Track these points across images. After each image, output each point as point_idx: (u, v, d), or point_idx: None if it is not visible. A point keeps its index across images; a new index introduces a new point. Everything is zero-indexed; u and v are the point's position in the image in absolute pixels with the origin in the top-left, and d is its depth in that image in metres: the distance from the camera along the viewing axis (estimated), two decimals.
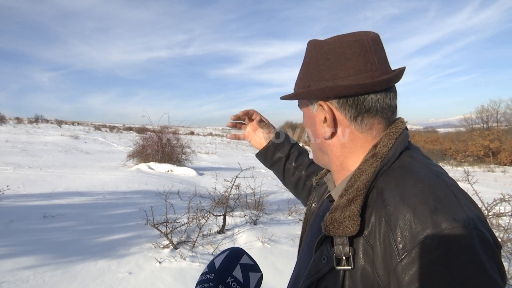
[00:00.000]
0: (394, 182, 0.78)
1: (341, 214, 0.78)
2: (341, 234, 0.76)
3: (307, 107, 0.97)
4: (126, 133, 42.19)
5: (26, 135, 25.31)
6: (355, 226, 0.75)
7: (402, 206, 0.71)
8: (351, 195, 0.80)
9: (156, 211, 5.05)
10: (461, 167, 28.76)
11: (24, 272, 3.63)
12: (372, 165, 0.82)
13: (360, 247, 0.76)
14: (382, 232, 0.72)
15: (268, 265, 4.39)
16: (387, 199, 0.75)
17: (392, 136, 0.87)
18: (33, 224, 5.23)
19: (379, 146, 0.86)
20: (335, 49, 0.87)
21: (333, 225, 0.78)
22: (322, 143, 0.95)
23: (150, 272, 3.91)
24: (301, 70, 0.96)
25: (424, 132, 62.65)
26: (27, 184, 8.31)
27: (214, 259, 0.99)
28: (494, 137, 36.97)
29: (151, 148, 14.70)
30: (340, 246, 0.77)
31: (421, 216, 0.68)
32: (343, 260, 0.76)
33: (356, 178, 0.83)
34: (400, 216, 0.70)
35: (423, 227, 0.67)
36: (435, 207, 0.69)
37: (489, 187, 13.92)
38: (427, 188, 0.73)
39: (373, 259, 0.73)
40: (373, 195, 0.79)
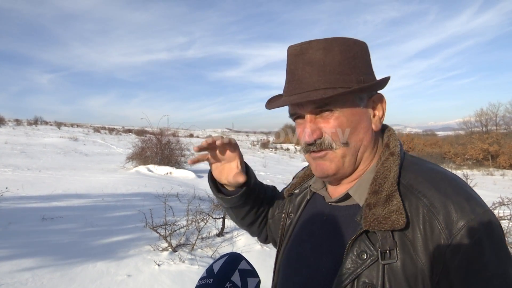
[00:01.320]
0: (422, 177, 0.86)
1: (383, 209, 0.81)
2: (389, 228, 0.79)
3: (353, 102, 0.90)
4: (126, 135, 42.14)
5: (25, 137, 25.27)
6: (404, 219, 0.78)
7: (440, 196, 0.79)
8: (387, 191, 0.84)
9: (155, 214, 5.04)
10: (460, 170, 28.76)
11: (23, 274, 3.63)
12: (395, 163, 0.89)
13: (398, 239, 0.80)
14: (421, 221, 0.79)
15: (267, 268, 4.37)
16: (422, 191, 0.82)
17: (395, 137, 0.96)
18: (32, 226, 5.23)
19: (392, 146, 0.94)
20: (366, 49, 0.95)
21: (378, 220, 0.80)
22: (369, 142, 0.95)
23: (149, 274, 3.91)
24: (344, 65, 0.88)
25: (423, 135, 62.67)
26: (26, 186, 8.29)
27: (213, 264, 0.98)
28: (493, 141, 37.01)
29: (150, 151, 14.69)
30: (384, 240, 0.80)
31: (460, 204, 0.77)
32: (387, 254, 0.79)
33: (386, 174, 0.87)
34: (441, 205, 0.78)
35: (464, 214, 0.76)
36: (467, 196, 0.79)
37: (488, 191, 13.93)
38: (453, 181, 0.83)
39: (413, 249, 0.78)
40: (401, 190, 0.85)
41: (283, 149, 44.90)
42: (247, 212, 1.24)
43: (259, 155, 31.20)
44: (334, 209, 0.99)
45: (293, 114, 0.97)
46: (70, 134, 31.37)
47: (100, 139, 31.79)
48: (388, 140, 0.96)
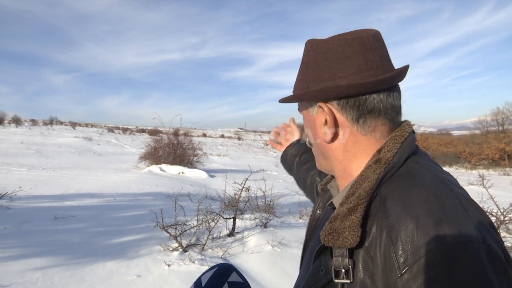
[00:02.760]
0: (398, 190, 0.72)
1: (340, 224, 0.73)
2: (341, 246, 0.71)
3: (307, 109, 0.92)
4: (139, 135, 42.49)
5: (41, 137, 25.64)
6: (355, 238, 0.70)
7: (404, 217, 0.66)
8: (352, 203, 0.75)
9: (166, 213, 5.04)
10: (475, 170, 28.36)
11: (33, 273, 3.64)
12: (375, 172, 0.77)
13: (360, 259, 0.71)
14: (383, 244, 0.67)
15: (277, 269, 4.34)
16: (389, 209, 0.69)
17: (398, 140, 0.82)
18: (44, 226, 5.26)
19: (384, 151, 0.80)
20: (334, 48, 0.83)
21: (332, 235, 0.73)
22: (324, 147, 0.90)
23: (159, 275, 3.89)
24: (300, 72, 0.92)
25: (438, 135, 61.99)
26: (40, 186, 8.38)
27: (201, 276, 0.94)
28: (510, 140, 36.39)
29: (163, 150, 14.76)
30: (340, 258, 0.72)
31: (424, 227, 0.63)
32: (341, 273, 0.72)
33: (358, 185, 0.77)
34: (402, 227, 0.65)
35: (426, 240, 0.62)
36: (440, 218, 0.64)
37: (505, 191, 13.65)
38: (433, 197, 0.68)
39: (373, 273, 0.68)
40: (375, 204, 0.74)
41: None
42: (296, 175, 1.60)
43: (271, 155, 31.16)
44: (329, 213, 0.94)
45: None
46: (84, 134, 31.75)
47: (114, 139, 32.10)
48: (384, 143, 0.82)
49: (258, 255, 4.73)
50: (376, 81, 0.79)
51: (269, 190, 7.75)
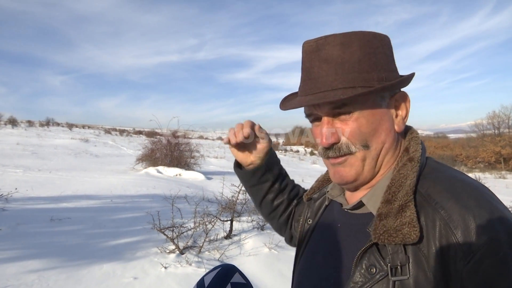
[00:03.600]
0: (441, 186, 0.76)
1: (395, 221, 0.74)
2: (400, 242, 0.72)
3: (374, 102, 0.83)
4: (136, 136, 42.42)
5: (37, 138, 25.55)
6: (416, 233, 0.71)
7: (459, 209, 0.71)
8: (401, 200, 0.76)
9: (163, 216, 5.02)
10: (472, 173, 28.44)
11: (29, 276, 3.62)
12: (413, 170, 0.80)
13: (412, 254, 0.72)
14: (437, 236, 0.71)
15: (274, 272, 4.33)
16: (440, 202, 0.73)
17: (417, 141, 0.87)
18: (40, 228, 5.23)
19: (411, 151, 0.84)
20: (388, 43, 0.87)
21: (389, 233, 0.73)
22: (392, 143, 0.87)
23: (155, 277, 3.87)
24: (363, 62, 0.81)
25: (434, 138, 62.22)
26: (36, 187, 8.34)
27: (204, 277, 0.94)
28: (506, 143, 36.58)
29: (160, 152, 14.73)
30: (395, 255, 0.73)
31: (481, 217, 0.68)
32: (398, 269, 0.72)
33: (401, 182, 0.79)
34: (460, 219, 0.69)
35: (485, 228, 0.67)
36: (491, 210, 0.70)
37: (501, 194, 13.69)
38: (476, 191, 0.74)
39: (427, 265, 0.70)
40: (417, 199, 0.76)
41: (292, 151, 44.86)
42: (263, 196, 1.26)
43: None
44: (348, 217, 0.92)
45: (309, 115, 0.90)
46: (81, 136, 31.67)
47: (110, 140, 32.04)
48: (408, 143, 0.87)
49: (255, 257, 4.71)
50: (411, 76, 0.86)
51: None
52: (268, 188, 1.25)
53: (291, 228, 1.28)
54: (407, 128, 0.92)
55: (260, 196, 1.27)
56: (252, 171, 1.21)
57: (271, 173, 1.23)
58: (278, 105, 1.00)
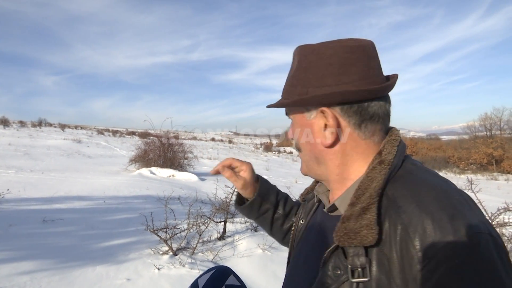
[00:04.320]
0: (407, 189, 0.76)
1: (356, 223, 0.75)
2: (358, 244, 0.73)
3: (302, 114, 0.92)
4: (129, 137, 42.25)
5: (29, 139, 25.36)
6: (374, 235, 0.72)
7: (419, 213, 0.70)
8: (364, 203, 0.77)
9: (156, 217, 5.01)
10: (464, 175, 28.65)
11: (21, 277, 3.60)
12: (381, 172, 0.80)
13: (375, 256, 0.73)
14: (398, 240, 0.71)
15: (268, 273, 4.34)
16: (403, 206, 0.73)
17: (394, 143, 0.86)
18: (33, 229, 5.20)
19: (384, 153, 0.84)
20: (339, 54, 0.85)
21: (348, 235, 0.75)
22: (320, 152, 0.91)
23: (149, 278, 3.87)
24: (294, 76, 0.91)
25: (427, 139, 62.57)
26: (28, 188, 8.29)
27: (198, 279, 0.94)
28: (497, 145, 36.87)
29: (153, 153, 14.69)
30: (355, 257, 0.74)
31: (440, 222, 0.67)
32: (358, 272, 0.73)
33: (367, 185, 0.80)
34: (418, 223, 0.69)
35: (443, 234, 0.66)
36: (453, 214, 0.68)
37: (492, 196, 13.82)
38: (441, 194, 0.73)
39: (389, 269, 0.71)
40: (384, 202, 0.77)
41: (286, 152, 44.87)
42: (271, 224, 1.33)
43: (262, 158, 31.18)
44: (326, 218, 0.96)
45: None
46: (73, 136, 31.48)
47: (103, 141, 31.87)
48: (383, 146, 0.87)
49: (249, 258, 4.72)
50: (379, 88, 0.83)
51: None
52: (271, 217, 1.32)
53: None
54: (389, 129, 0.93)
55: (267, 225, 1.35)
56: (248, 206, 1.29)
57: (268, 202, 1.31)
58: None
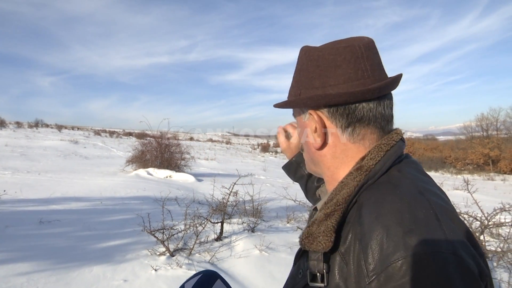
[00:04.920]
0: (374, 198, 0.74)
1: (317, 228, 0.75)
2: (315, 249, 0.73)
3: (300, 115, 0.95)
4: (126, 138, 42.15)
5: (26, 140, 25.26)
6: (327, 243, 0.71)
7: (375, 225, 0.67)
8: (329, 209, 0.76)
9: (153, 218, 5.00)
10: (460, 175, 28.73)
11: (17, 278, 3.59)
12: (355, 179, 0.78)
13: (336, 264, 0.72)
14: (356, 251, 0.69)
15: (265, 274, 4.34)
16: (363, 216, 0.71)
17: (382, 148, 0.83)
18: (29, 230, 5.19)
19: (366, 159, 0.81)
20: (325, 56, 0.84)
21: (308, 239, 0.75)
22: (313, 153, 0.92)
23: (146, 279, 3.86)
24: (294, 78, 0.94)
25: (423, 140, 62.70)
26: (25, 189, 8.26)
27: (185, 284, 0.94)
28: (494, 145, 37.01)
29: (150, 154, 14.65)
30: (315, 262, 0.74)
31: (393, 237, 0.64)
32: (318, 277, 0.73)
33: (337, 191, 0.79)
34: (373, 236, 0.66)
35: (394, 250, 0.62)
36: (410, 229, 0.64)
37: (489, 196, 13.87)
38: (406, 207, 0.68)
39: (346, 278, 0.69)
40: (353, 211, 0.76)
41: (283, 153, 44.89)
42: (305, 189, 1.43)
43: (259, 159, 31.15)
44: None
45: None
46: (70, 137, 31.38)
47: (100, 142, 31.78)
48: (369, 151, 0.84)
49: (246, 259, 4.72)
50: (365, 91, 0.80)
51: (256, 194, 7.75)
52: (305, 184, 1.42)
53: None
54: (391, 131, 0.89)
55: (303, 190, 1.46)
56: (285, 166, 1.47)
57: (303, 170, 1.40)
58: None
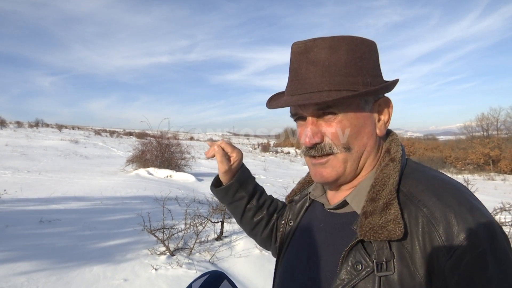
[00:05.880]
0: (423, 184, 0.80)
1: (380, 218, 0.77)
2: (386, 238, 0.75)
3: (358, 106, 0.86)
4: (126, 138, 42.16)
5: (26, 139, 25.27)
6: (401, 229, 0.74)
7: (441, 206, 0.73)
8: (385, 199, 0.79)
9: (154, 217, 5.01)
10: (461, 175, 28.70)
11: (18, 278, 3.59)
12: (395, 169, 0.84)
13: (396, 250, 0.75)
14: (420, 233, 0.73)
15: (265, 273, 4.35)
16: (423, 200, 0.76)
17: (398, 143, 0.92)
18: (29, 229, 5.19)
19: (393, 152, 0.89)
20: (375, 48, 0.90)
21: (374, 229, 0.76)
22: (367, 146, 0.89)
23: (146, 279, 3.87)
24: (350, 66, 0.84)
25: (424, 140, 62.68)
26: (25, 189, 8.26)
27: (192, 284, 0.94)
28: (494, 145, 36.96)
29: (150, 153, 14.66)
30: (380, 251, 0.76)
31: (462, 215, 0.71)
32: (382, 265, 0.75)
33: (384, 182, 0.82)
34: (442, 216, 0.72)
35: (466, 225, 0.70)
36: (471, 207, 0.73)
37: (489, 196, 13.86)
38: (456, 190, 0.77)
39: (411, 260, 0.73)
40: (400, 198, 0.80)
41: (283, 153, 44.88)
42: (242, 213, 1.29)
43: (260, 159, 31.16)
44: (331, 216, 0.95)
45: (294, 115, 0.93)
46: (71, 137, 31.39)
47: (100, 141, 31.79)
48: (389, 145, 0.92)
49: (246, 259, 4.72)
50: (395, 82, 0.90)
51: None
52: (244, 206, 1.29)
53: (275, 242, 1.30)
54: (388, 131, 0.96)
55: (239, 213, 1.31)
56: (224, 188, 1.25)
57: (244, 190, 1.27)
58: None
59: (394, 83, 0.89)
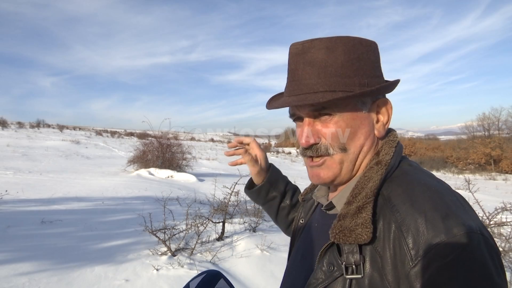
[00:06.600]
0: (401, 188, 0.78)
1: (351, 221, 0.77)
2: (353, 242, 0.75)
3: (355, 106, 0.86)
4: (128, 138, 42.20)
5: (27, 140, 25.30)
6: (368, 234, 0.73)
7: (413, 212, 0.71)
8: (360, 202, 0.79)
9: (155, 218, 5.01)
10: (462, 175, 28.69)
11: (19, 278, 3.59)
12: (378, 173, 0.82)
13: (368, 254, 0.75)
14: (391, 238, 0.72)
15: (266, 273, 4.35)
16: (397, 205, 0.75)
17: (392, 144, 0.88)
18: (31, 230, 5.20)
19: (382, 154, 0.86)
20: (375, 48, 0.89)
21: (344, 233, 0.76)
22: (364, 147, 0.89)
23: (147, 279, 3.87)
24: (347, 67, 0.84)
25: (425, 140, 62.66)
26: (26, 189, 8.27)
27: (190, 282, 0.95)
28: (496, 145, 36.91)
29: (151, 154, 14.67)
30: (350, 254, 0.76)
31: (433, 221, 0.68)
32: (352, 268, 0.75)
33: (363, 185, 0.82)
34: (412, 222, 0.70)
35: (436, 233, 0.67)
36: (446, 213, 0.69)
37: (491, 195, 13.84)
38: (435, 195, 0.73)
39: (381, 266, 0.72)
40: (379, 202, 0.79)
41: (284, 153, 44.90)
42: (276, 212, 1.35)
43: None
44: (325, 217, 0.97)
45: (292, 115, 0.94)
46: (72, 137, 31.42)
47: (102, 142, 31.82)
48: (381, 147, 0.89)
49: (247, 259, 4.72)
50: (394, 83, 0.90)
51: None
52: (278, 205, 1.34)
53: None
54: (389, 132, 0.94)
55: (273, 213, 1.36)
56: (256, 190, 1.32)
57: (276, 190, 1.32)
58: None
59: (394, 83, 0.89)
